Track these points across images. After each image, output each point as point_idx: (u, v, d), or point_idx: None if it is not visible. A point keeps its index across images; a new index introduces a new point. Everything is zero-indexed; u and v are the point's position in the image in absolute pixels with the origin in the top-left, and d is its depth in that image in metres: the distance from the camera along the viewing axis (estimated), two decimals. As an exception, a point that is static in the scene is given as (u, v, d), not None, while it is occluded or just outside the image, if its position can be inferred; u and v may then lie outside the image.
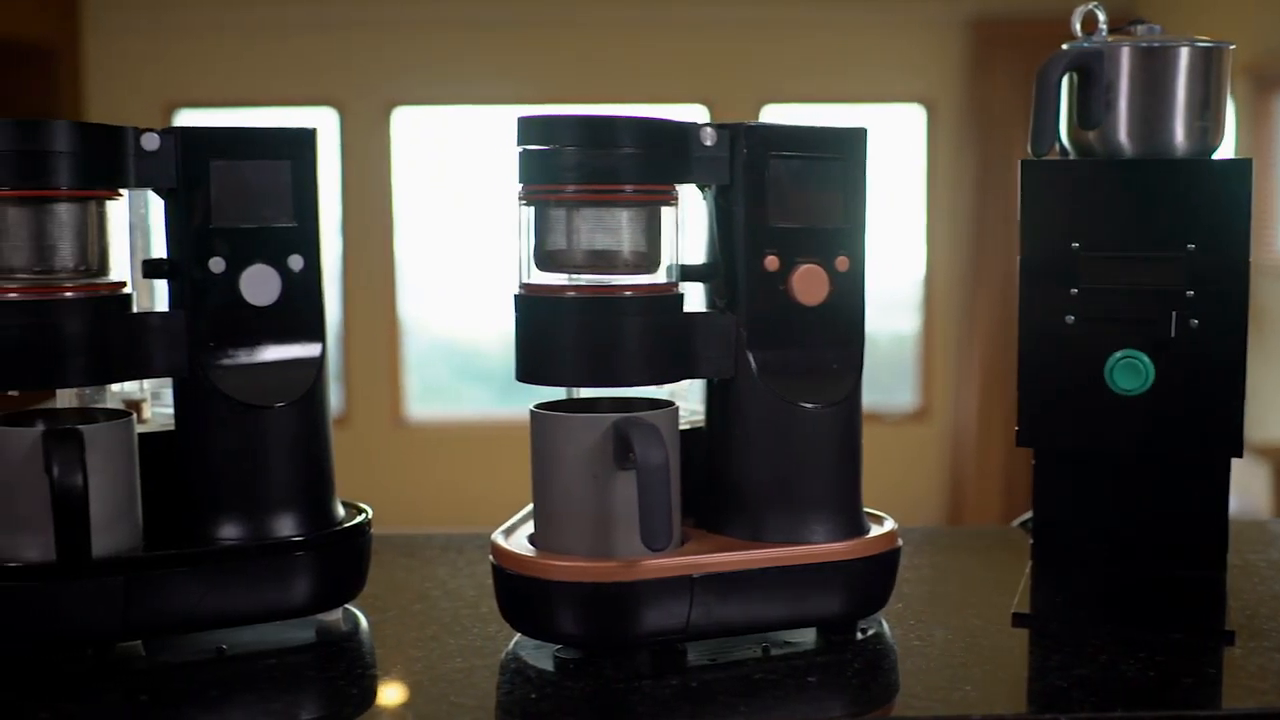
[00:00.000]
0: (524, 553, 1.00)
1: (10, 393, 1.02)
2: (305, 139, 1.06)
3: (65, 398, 1.09)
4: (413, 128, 6.24)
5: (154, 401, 1.14)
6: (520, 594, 1.00)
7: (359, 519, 1.08)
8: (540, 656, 1.00)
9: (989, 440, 5.78)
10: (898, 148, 6.11)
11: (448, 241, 6.26)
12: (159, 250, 1.05)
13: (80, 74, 6.12)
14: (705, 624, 0.99)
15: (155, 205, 1.06)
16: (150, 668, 0.98)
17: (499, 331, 6.40)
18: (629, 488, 0.98)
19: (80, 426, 0.97)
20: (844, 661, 1.00)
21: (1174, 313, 1.11)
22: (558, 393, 1.07)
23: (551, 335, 1.00)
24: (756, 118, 6.24)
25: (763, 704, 0.92)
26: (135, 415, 1.05)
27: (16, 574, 0.96)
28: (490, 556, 1.03)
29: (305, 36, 6.19)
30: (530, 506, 1.12)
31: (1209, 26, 1.82)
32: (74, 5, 6.10)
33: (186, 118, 6.32)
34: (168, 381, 1.09)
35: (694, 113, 6.29)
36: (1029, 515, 1.31)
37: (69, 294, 0.99)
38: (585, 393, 1.07)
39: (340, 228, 6.05)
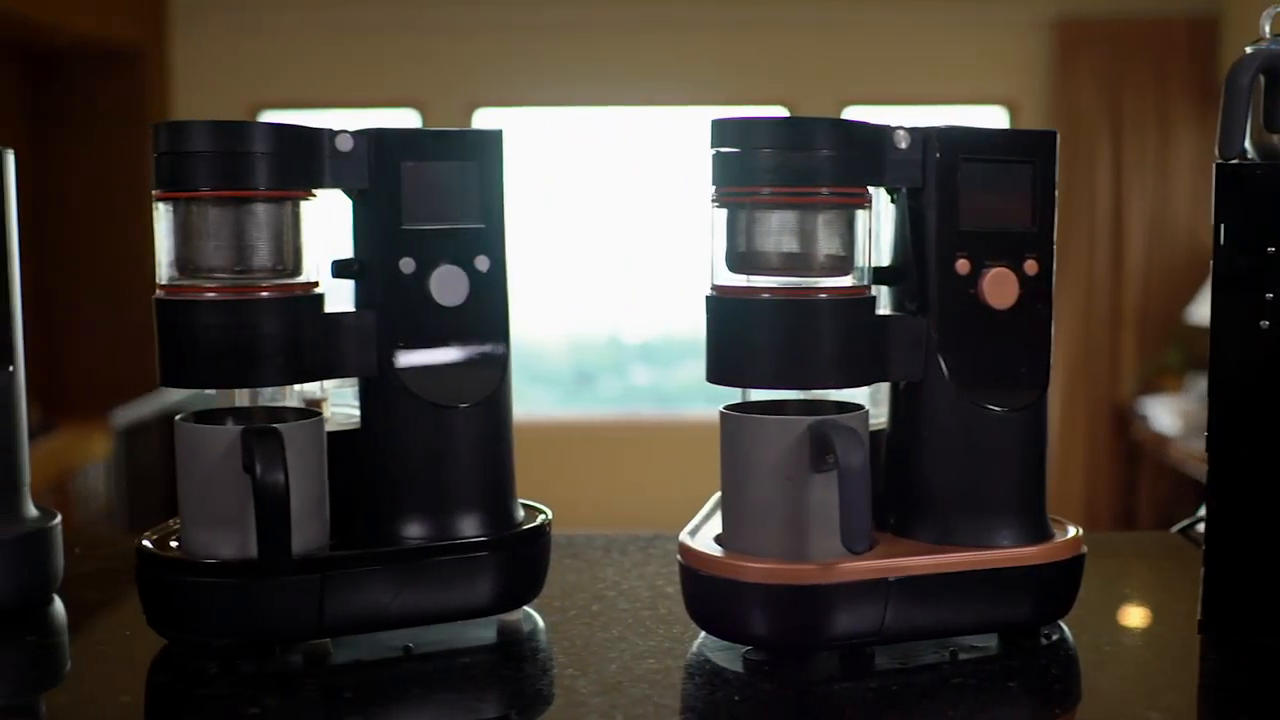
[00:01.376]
0: (715, 554, 1.00)
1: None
2: (492, 140, 1.06)
3: (242, 396, 1.10)
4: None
5: (332, 400, 1.14)
6: (712, 595, 1.00)
7: (540, 519, 1.08)
8: (729, 658, 1.00)
9: (1072, 442, 5.74)
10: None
11: (521, 243, 6.28)
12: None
13: (167, 75, 6.18)
14: (898, 627, 0.99)
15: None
16: (342, 665, 0.98)
17: (563, 333, 6.43)
18: (824, 490, 0.98)
19: (279, 425, 0.98)
20: (1039, 667, 0.99)
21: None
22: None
23: (745, 337, 1.00)
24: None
25: (967, 708, 0.91)
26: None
27: (217, 570, 0.97)
28: (678, 556, 1.03)
29: (388, 38, 6.22)
30: (707, 507, 1.12)
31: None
32: (162, 8, 6.16)
33: (269, 118, 6.35)
34: (344, 380, 1.10)
35: (776, 115, 6.28)
36: (1191, 521, 1.30)
37: (265, 294, 0.99)
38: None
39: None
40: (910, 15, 6.10)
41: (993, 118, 6.13)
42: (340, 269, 1.05)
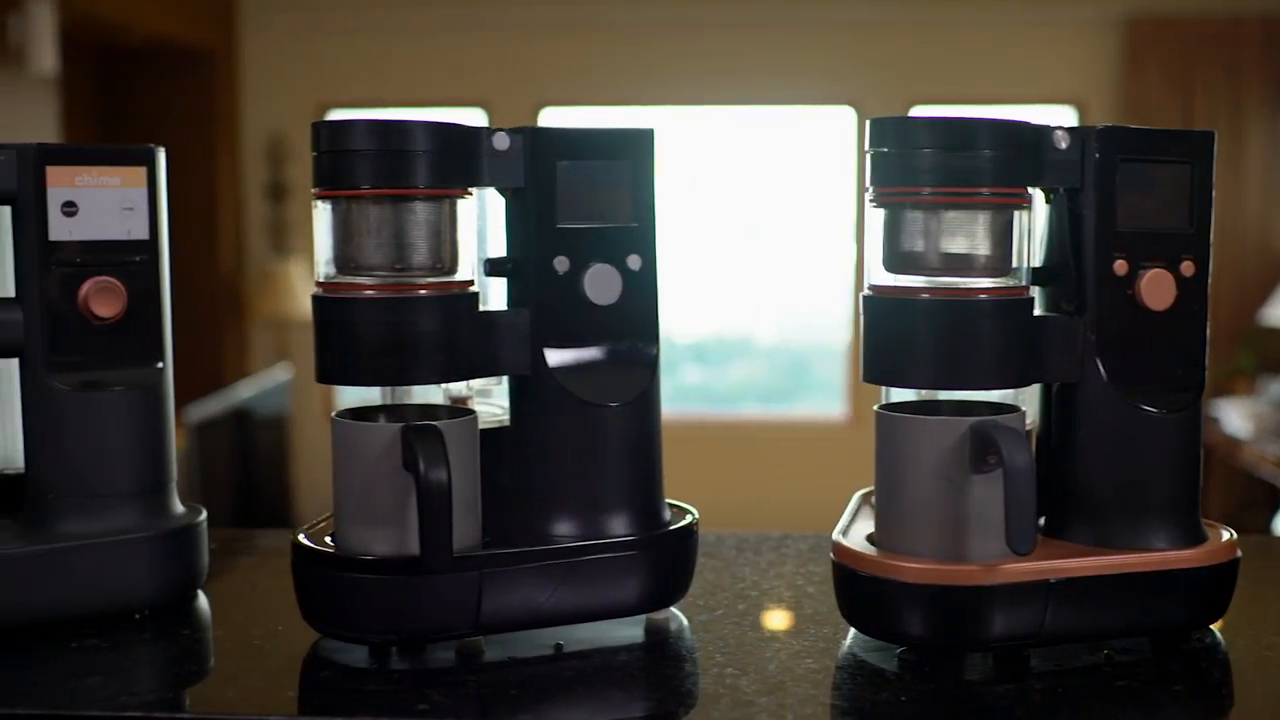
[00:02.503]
0: (873, 554, 1.00)
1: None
2: (644, 139, 1.06)
3: (387, 393, 1.11)
4: (559, 128, 6.26)
5: (478, 398, 1.15)
6: (870, 595, 0.99)
7: (688, 519, 1.08)
8: (883, 658, 0.99)
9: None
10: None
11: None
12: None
13: (236, 75, 6.22)
14: (1056, 629, 0.98)
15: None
16: (497, 663, 0.99)
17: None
18: (984, 490, 0.97)
19: (439, 424, 0.99)
20: (1199, 670, 0.99)
21: None
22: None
23: (904, 337, 1.00)
24: (905, 119, 6.20)
25: (1137, 710, 0.91)
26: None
27: (380, 567, 0.98)
28: (832, 556, 1.03)
29: (454, 37, 6.25)
30: (852, 506, 1.12)
31: None
32: (231, 9, 6.20)
33: (337, 117, 6.39)
34: (488, 378, 1.10)
35: (840, 115, 6.27)
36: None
37: (424, 292, 1.00)
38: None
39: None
40: (978, 14, 6.08)
41: (1060, 117, 6.09)
42: (494, 267, 1.05)
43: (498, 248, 1.06)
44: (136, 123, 5.94)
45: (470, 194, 1.03)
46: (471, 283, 1.03)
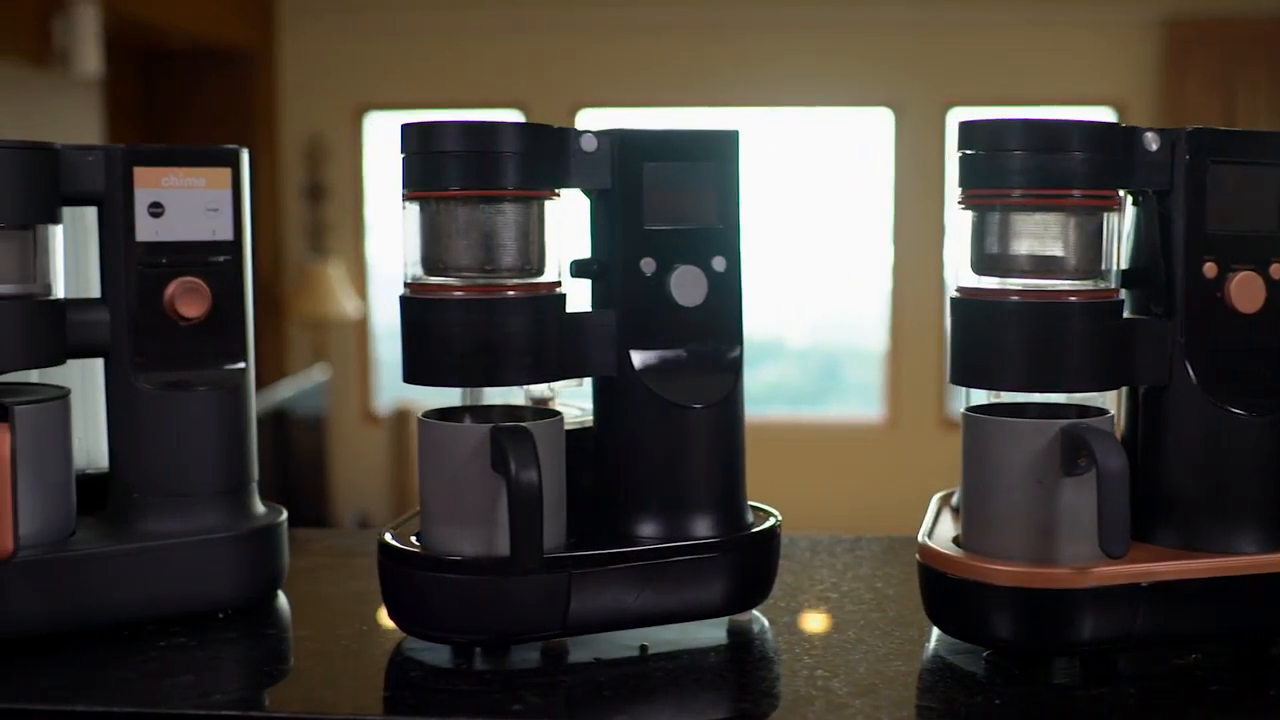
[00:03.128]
0: (962, 557, 0.99)
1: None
2: (729, 141, 1.06)
3: (467, 393, 1.11)
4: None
5: (559, 399, 1.15)
6: (957, 597, 0.99)
7: (771, 521, 1.08)
8: (969, 660, 0.99)
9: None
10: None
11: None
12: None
13: (274, 77, 6.25)
14: (1145, 633, 0.98)
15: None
16: (584, 664, 0.99)
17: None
18: (1074, 493, 0.97)
19: (529, 424, 0.99)
20: (1291, 675, 0.98)
21: None
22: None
23: (993, 339, 1.00)
24: (943, 122, 6.20)
25: (1234, 715, 0.90)
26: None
27: (470, 568, 0.98)
28: (918, 558, 1.03)
29: (491, 39, 6.26)
30: (933, 508, 1.12)
31: None
32: (271, 10, 6.23)
33: (375, 120, 6.43)
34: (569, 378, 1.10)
35: (879, 116, 6.26)
36: None
37: (512, 293, 1.00)
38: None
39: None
40: (1017, 15, 6.06)
41: (1100, 118, 6.06)
42: (580, 269, 1.05)
43: (580, 249, 1.07)
44: (176, 124, 5.97)
45: (558, 195, 1.03)
46: (559, 284, 1.03)
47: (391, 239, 6.48)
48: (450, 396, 1.08)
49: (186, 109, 6.04)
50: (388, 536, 1.03)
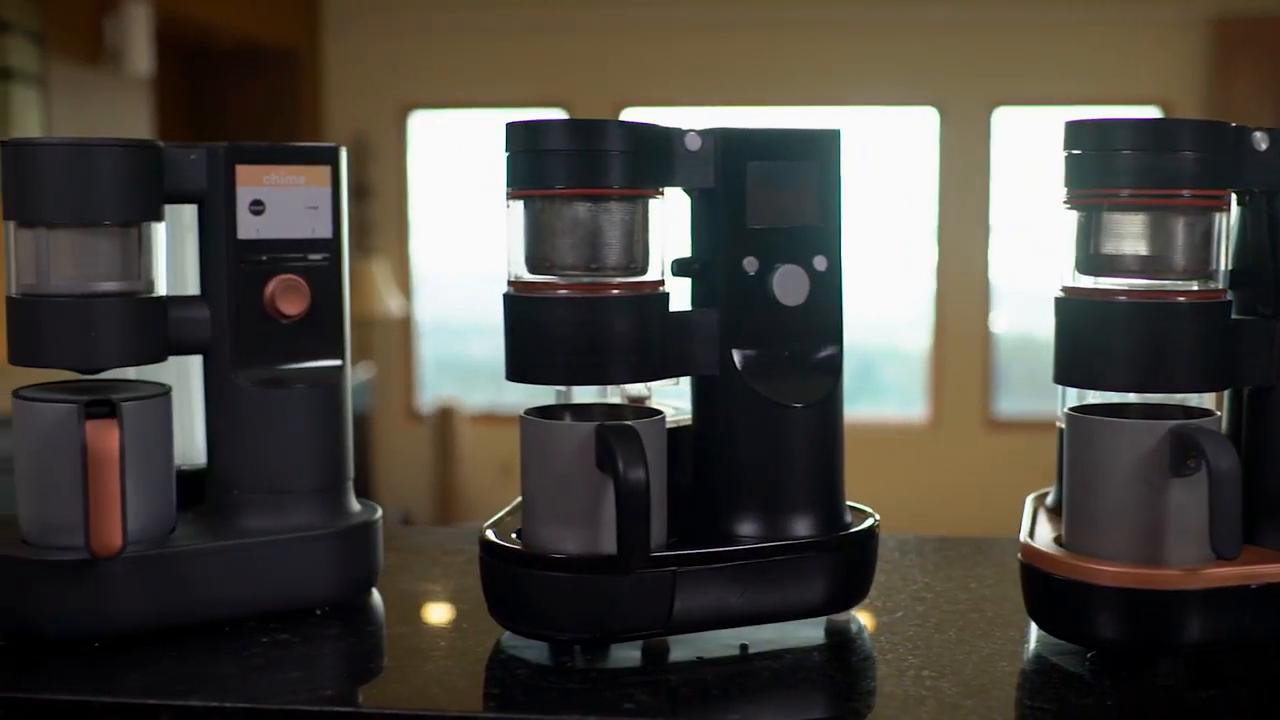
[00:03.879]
0: (1065, 556, 0.99)
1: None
2: (831, 140, 1.06)
3: (563, 393, 1.11)
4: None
5: (655, 397, 1.15)
6: (1063, 598, 0.99)
7: (870, 521, 1.08)
8: (1072, 661, 0.99)
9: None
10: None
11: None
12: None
13: (320, 76, 6.27)
14: (1254, 635, 0.98)
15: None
16: (686, 663, 0.99)
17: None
18: (1183, 494, 0.97)
19: (634, 423, 0.99)
20: (1402, 678, 0.98)
21: None
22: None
23: (1099, 339, 0.99)
24: (988, 121, 6.18)
25: (1349, 719, 0.90)
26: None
27: (577, 566, 0.98)
28: (1020, 558, 1.03)
29: (535, 38, 6.27)
30: (1029, 508, 1.12)
31: None
32: (316, 10, 6.25)
33: (419, 119, 6.44)
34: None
35: (924, 115, 6.24)
36: None
37: (617, 292, 1.00)
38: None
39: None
40: (1062, 14, 6.04)
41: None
42: (681, 267, 1.05)
43: (679, 248, 1.07)
44: (223, 123, 5.99)
45: (662, 194, 1.03)
46: (662, 282, 1.03)
47: (435, 237, 6.50)
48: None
49: (231, 108, 6.07)
50: (490, 534, 1.03)
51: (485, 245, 6.34)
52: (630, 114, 6.25)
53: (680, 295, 1.06)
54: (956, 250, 6.30)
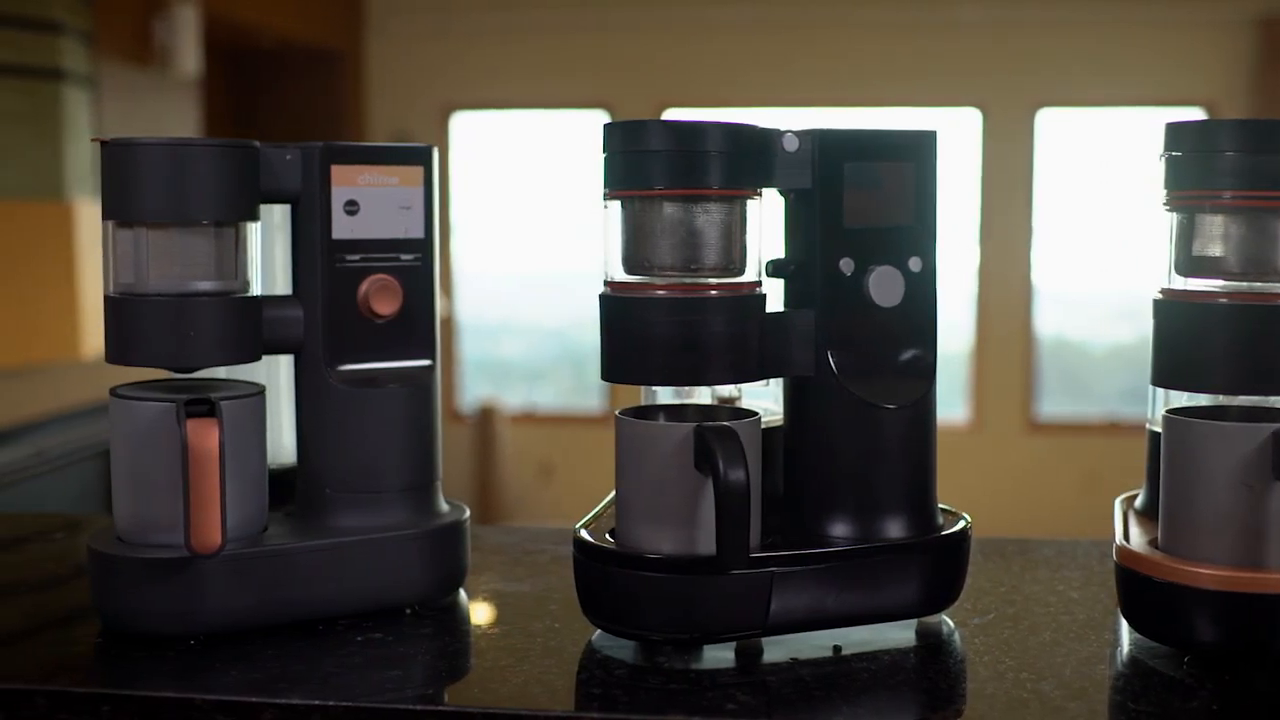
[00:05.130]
0: (1164, 559, 0.99)
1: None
2: (927, 141, 1.06)
3: (649, 393, 1.12)
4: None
5: (745, 398, 1.15)
6: (1162, 601, 0.99)
7: (962, 523, 1.08)
8: (1168, 664, 0.98)
9: None
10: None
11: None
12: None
13: (362, 76, 6.29)
14: (1356, 639, 0.97)
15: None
16: (782, 664, 0.99)
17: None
18: (1285, 498, 0.96)
19: (733, 424, 0.99)
20: None
21: None
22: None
23: (1200, 341, 0.99)
24: (1032, 122, 6.16)
25: None
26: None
27: (677, 567, 0.98)
28: (1116, 560, 1.02)
29: (576, 38, 6.28)
30: (1119, 509, 1.11)
31: None
32: (360, 11, 6.27)
33: (462, 120, 6.45)
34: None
35: (967, 117, 6.23)
36: None
37: (715, 292, 1.00)
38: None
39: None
40: (1105, 15, 6.01)
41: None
42: (776, 268, 1.05)
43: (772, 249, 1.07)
44: (266, 123, 6.02)
45: (759, 195, 1.03)
46: (760, 283, 1.03)
47: (476, 237, 6.51)
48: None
49: (275, 108, 6.09)
50: (584, 534, 1.04)
51: (522, 246, 6.36)
52: (672, 114, 6.25)
53: (775, 296, 1.06)
54: (999, 252, 6.28)
